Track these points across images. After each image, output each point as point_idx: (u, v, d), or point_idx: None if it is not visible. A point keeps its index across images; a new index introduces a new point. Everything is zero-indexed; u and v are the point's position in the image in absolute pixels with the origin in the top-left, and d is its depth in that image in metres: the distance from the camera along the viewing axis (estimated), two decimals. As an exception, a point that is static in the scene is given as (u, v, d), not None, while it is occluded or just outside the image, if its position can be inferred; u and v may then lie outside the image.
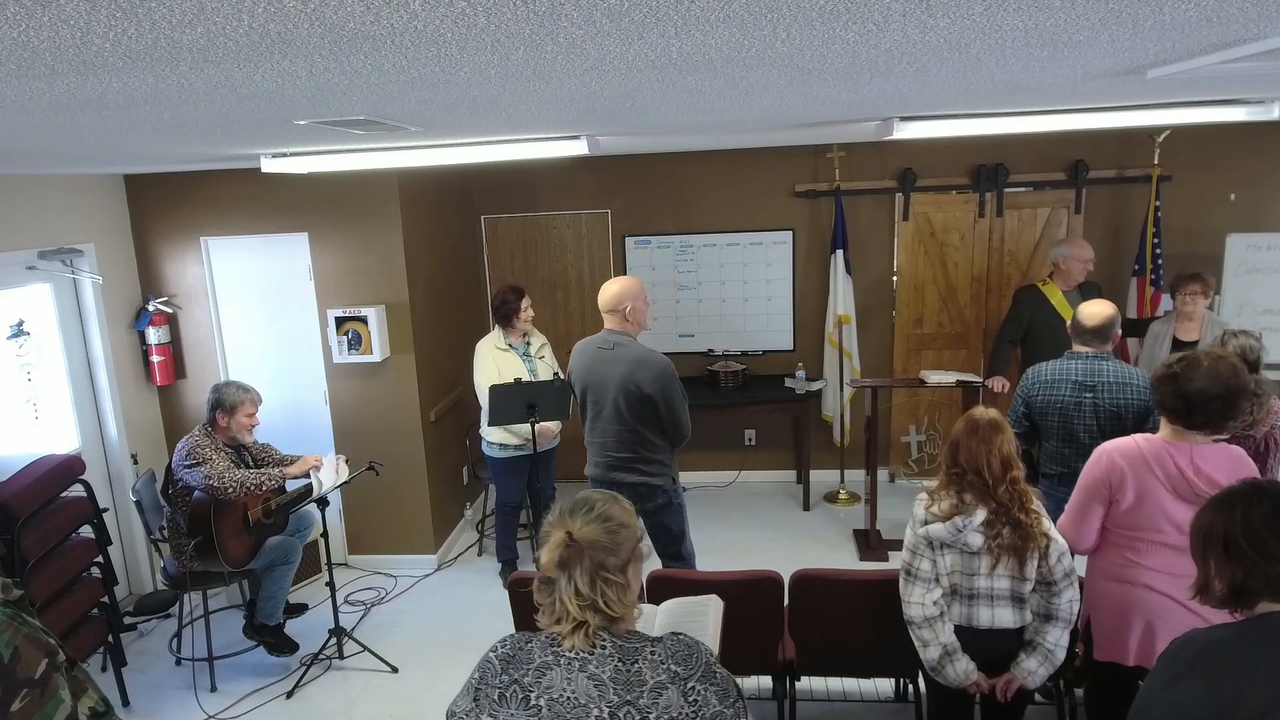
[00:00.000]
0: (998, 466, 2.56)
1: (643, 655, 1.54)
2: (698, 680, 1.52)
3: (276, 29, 1.13)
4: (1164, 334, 4.76)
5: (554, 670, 1.55)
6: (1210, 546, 1.65)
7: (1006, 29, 1.39)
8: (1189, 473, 2.54)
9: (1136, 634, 2.65)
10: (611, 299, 3.71)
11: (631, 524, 1.62)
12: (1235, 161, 5.69)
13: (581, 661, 1.54)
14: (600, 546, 1.54)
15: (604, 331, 3.77)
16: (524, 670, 1.57)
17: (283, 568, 4.27)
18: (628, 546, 1.58)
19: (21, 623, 1.92)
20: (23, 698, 1.83)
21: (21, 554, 3.53)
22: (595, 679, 1.52)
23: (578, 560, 1.54)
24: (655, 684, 1.51)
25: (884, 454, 6.36)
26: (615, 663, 1.53)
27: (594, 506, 1.60)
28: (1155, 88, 2.45)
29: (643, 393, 3.61)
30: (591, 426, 3.84)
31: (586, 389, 3.80)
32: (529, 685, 1.55)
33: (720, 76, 1.82)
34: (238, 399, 4.13)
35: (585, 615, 1.53)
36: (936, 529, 2.60)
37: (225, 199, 4.98)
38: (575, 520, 1.57)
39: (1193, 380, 2.54)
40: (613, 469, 3.78)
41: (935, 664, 2.64)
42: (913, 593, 2.66)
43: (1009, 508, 2.54)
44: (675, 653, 1.55)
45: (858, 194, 6.05)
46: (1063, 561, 2.58)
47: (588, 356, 3.80)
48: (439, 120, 2.49)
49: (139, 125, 2.19)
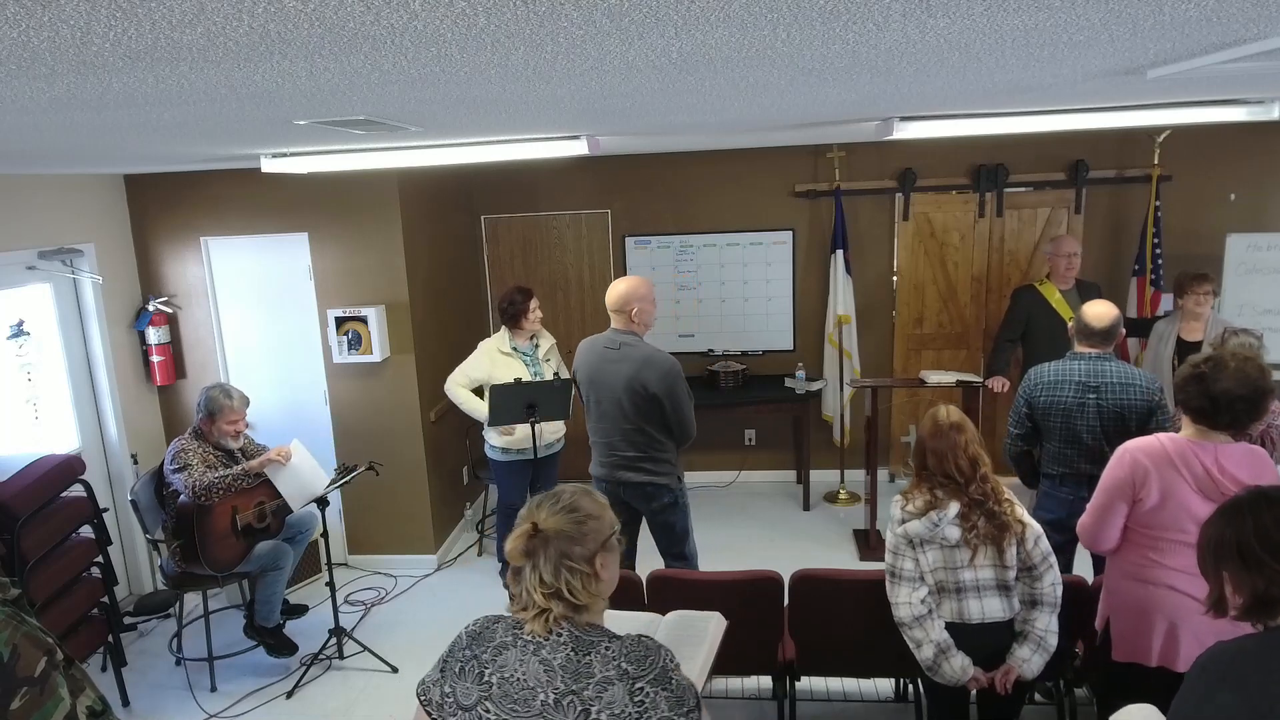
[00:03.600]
0: (966, 465, 2.61)
1: (597, 649, 1.57)
2: (648, 683, 1.54)
3: (276, 29, 1.13)
4: (1168, 334, 4.75)
5: (510, 651, 1.60)
6: (1224, 558, 1.61)
7: (1006, 29, 1.39)
8: (1215, 472, 2.53)
9: (1160, 634, 2.64)
10: (618, 299, 3.71)
11: (602, 516, 1.65)
12: (1235, 161, 5.69)
13: (536, 646, 1.59)
14: (565, 536, 1.59)
15: (610, 331, 3.77)
16: (484, 647, 1.63)
17: (273, 573, 4.24)
18: (595, 537, 1.62)
19: (21, 621, 1.92)
20: (22, 696, 1.83)
21: (21, 554, 3.53)
22: (546, 664, 1.57)
23: (542, 549, 1.59)
24: (602, 678, 1.54)
25: (884, 454, 6.36)
26: (568, 651, 1.57)
27: (561, 498, 1.65)
28: (1155, 88, 2.45)
29: (649, 392, 3.62)
30: (596, 426, 3.84)
31: (591, 388, 3.80)
32: (485, 662, 1.61)
33: (720, 76, 1.82)
34: (219, 405, 4.09)
35: (549, 603, 1.59)
36: (913, 526, 2.64)
37: (225, 199, 4.98)
38: (542, 511, 1.62)
39: (1219, 381, 2.53)
40: (619, 468, 3.78)
41: (931, 663, 2.65)
42: (899, 593, 2.68)
43: (983, 501, 2.61)
44: (630, 652, 1.57)
45: (858, 194, 6.04)
46: (1040, 545, 2.64)
47: (593, 356, 3.80)
48: (439, 120, 2.49)
49: (139, 125, 2.19)
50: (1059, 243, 5.13)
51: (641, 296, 3.71)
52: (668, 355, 3.68)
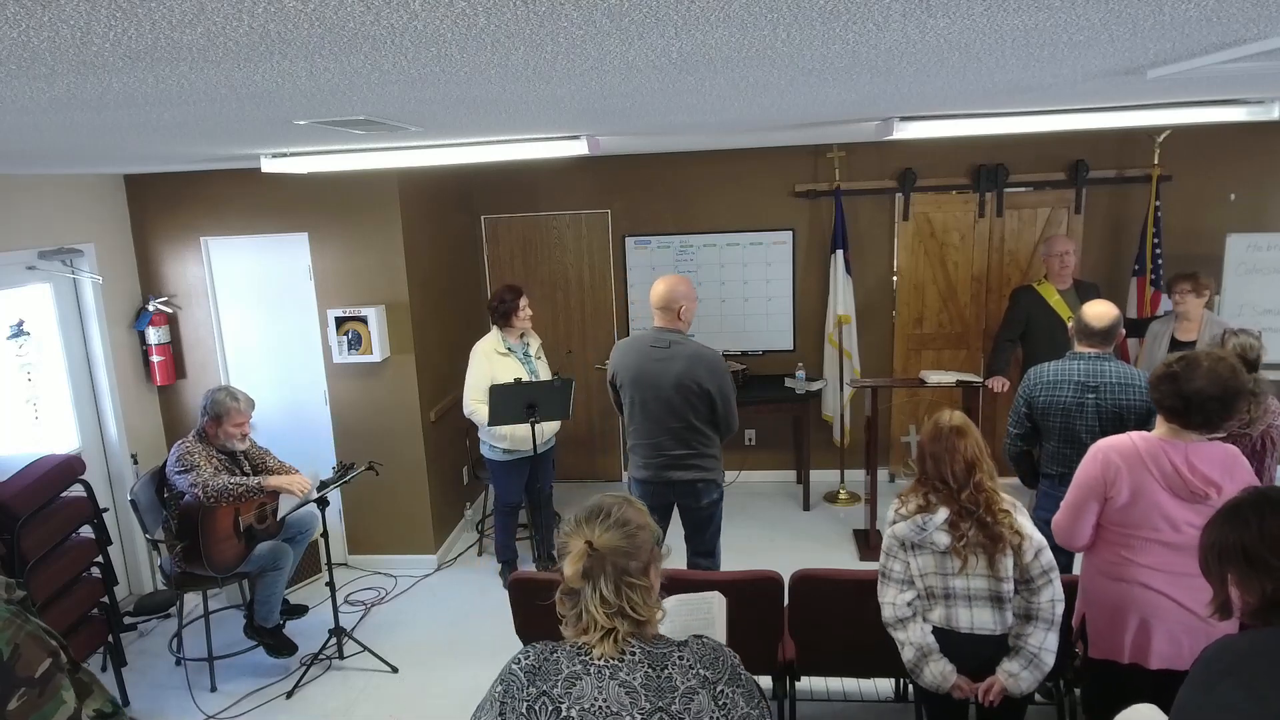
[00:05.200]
0: (961, 470, 2.56)
1: (671, 660, 1.54)
2: (726, 684, 1.53)
3: (276, 29, 1.13)
4: (1163, 334, 4.77)
5: (584, 680, 1.53)
6: (1228, 562, 1.60)
7: (1006, 29, 1.39)
8: (1184, 470, 2.55)
9: (1131, 631, 2.66)
10: (664, 296, 3.74)
11: (648, 524, 1.61)
12: (1235, 161, 5.69)
13: (612, 669, 1.53)
14: (621, 552, 1.54)
15: (654, 330, 3.79)
16: (552, 682, 1.54)
17: (273, 574, 4.23)
18: (646, 548, 1.58)
19: (25, 621, 1.91)
20: (20, 697, 1.82)
21: (21, 554, 3.53)
22: (627, 686, 1.51)
23: (600, 568, 1.53)
24: (686, 689, 1.51)
25: (884, 454, 6.36)
26: (645, 669, 1.52)
27: (610, 512, 1.58)
28: (1155, 88, 2.45)
29: (702, 388, 3.66)
30: (641, 427, 3.81)
31: (635, 389, 3.78)
32: (559, 697, 1.53)
33: (720, 76, 1.82)
34: (224, 408, 4.10)
35: (614, 622, 1.53)
36: (901, 528, 2.62)
37: (225, 199, 4.98)
38: (593, 528, 1.56)
39: (1192, 380, 2.54)
40: (668, 468, 3.79)
41: (912, 665, 2.64)
42: (885, 593, 2.68)
43: (974, 510, 2.54)
44: (703, 657, 1.55)
45: (858, 194, 6.04)
46: (1040, 558, 2.55)
47: (637, 356, 3.78)
48: (439, 120, 2.49)
49: (139, 125, 2.19)
50: (1051, 242, 5.19)
51: (685, 294, 3.76)
52: (715, 350, 3.75)
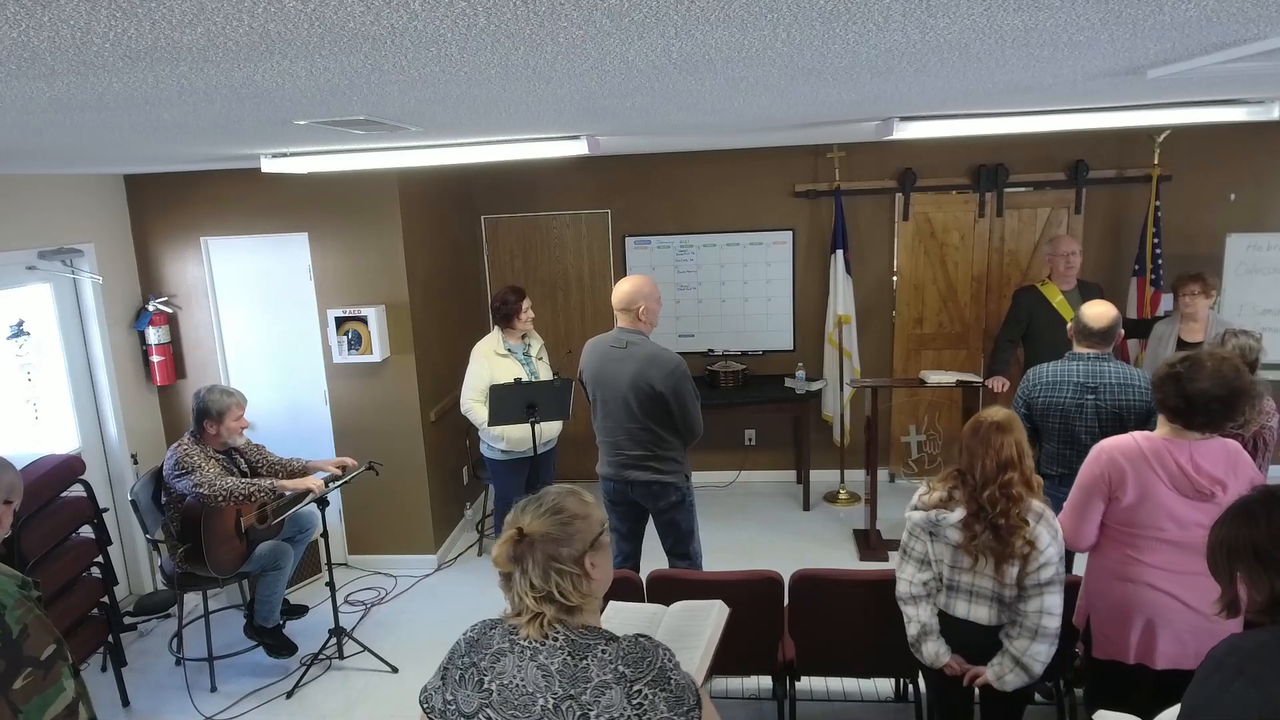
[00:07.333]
0: (991, 468, 2.54)
1: (593, 652, 1.56)
2: (646, 685, 1.53)
3: (276, 29, 1.13)
4: (1168, 335, 4.75)
5: (508, 657, 1.60)
6: (1237, 559, 1.60)
7: (1006, 29, 1.39)
8: (1190, 469, 2.55)
9: (1137, 631, 2.66)
10: (625, 297, 3.73)
11: (589, 515, 1.64)
12: (1235, 161, 5.69)
13: (533, 651, 1.58)
14: (551, 539, 1.58)
15: (616, 330, 3.79)
16: (483, 654, 1.63)
17: (273, 573, 4.23)
18: (583, 537, 1.61)
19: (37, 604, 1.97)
20: (25, 676, 1.86)
21: (22, 554, 3.53)
22: (543, 669, 1.56)
23: (529, 553, 1.58)
24: (600, 682, 1.53)
25: (884, 454, 6.36)
26: (565, 656, 1.56)
27: (545, 500, 1.64)
28: (1155, 88, 2.45)
29: (655, 391, 3.63)
30: (602, 425, 3.84)
31: (597, 387, 3.80)
32: (484, 669, 1.61)
33: (720, 76, 1.82)
34: (223, 404, 4.07)
35: (541, 606, 1.58)
36: (916, 515, 2.68)
37: (225, 199, 4.98)
38: (526, 515, 1.62)
39: (1195, 381, 2.53)
40: (626, 467, 3.79)
41: (914, 640, 2.74)
42: (904, 570, 2.76)
43: (990, 511, 2.53)
44: (627, 654, 1.56)
45: (858, 194, 6.04)
46: (1041, 572, 2.53)
47: (598, 355, 3.80)
48: (439, 120, 2.49)
49: (139, 125, 2.19)
50: (1056, 242, 5.13)
51: (647, 295, 3.73)
52: (673, 354, 3.69)
